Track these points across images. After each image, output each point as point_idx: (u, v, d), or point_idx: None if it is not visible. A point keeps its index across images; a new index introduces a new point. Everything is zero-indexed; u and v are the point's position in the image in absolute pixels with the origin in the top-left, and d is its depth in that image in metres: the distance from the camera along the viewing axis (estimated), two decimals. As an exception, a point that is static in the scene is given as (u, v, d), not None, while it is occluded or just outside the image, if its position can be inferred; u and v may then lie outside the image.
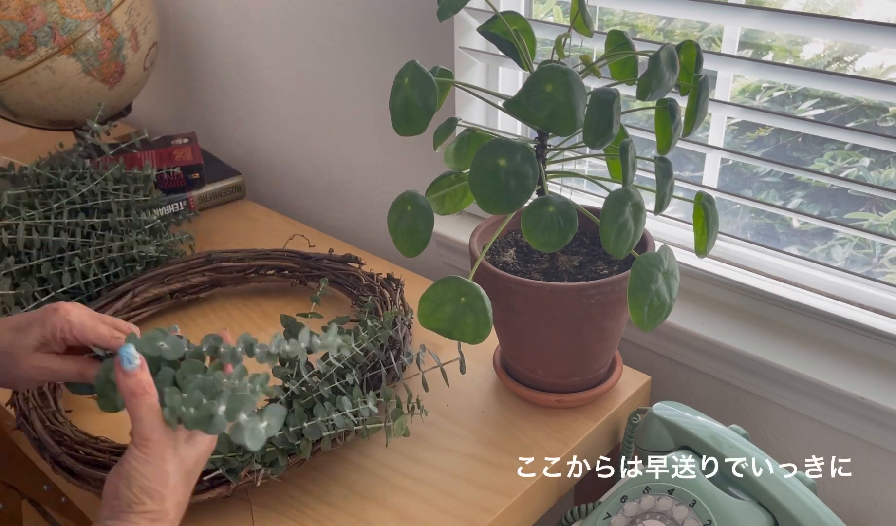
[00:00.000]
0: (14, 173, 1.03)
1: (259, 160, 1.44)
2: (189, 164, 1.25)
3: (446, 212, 0.82)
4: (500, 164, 0.65)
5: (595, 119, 0.66)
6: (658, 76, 0.67)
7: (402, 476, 0.77)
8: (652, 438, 0.78)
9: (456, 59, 1.04)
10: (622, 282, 0.74)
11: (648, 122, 0.97)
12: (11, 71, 1.16)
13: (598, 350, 0.81)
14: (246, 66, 1.37)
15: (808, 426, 0.86)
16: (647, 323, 0.66)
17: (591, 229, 0.86)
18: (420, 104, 0.69)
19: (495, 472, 0.77)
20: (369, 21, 1.12)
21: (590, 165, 1.04)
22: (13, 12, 1.12)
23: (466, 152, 0.81)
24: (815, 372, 0.82)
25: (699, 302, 0.93)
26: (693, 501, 0.69)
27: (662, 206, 0.71)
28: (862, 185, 0.81)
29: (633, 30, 1.00)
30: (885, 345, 0.81)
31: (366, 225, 1.29)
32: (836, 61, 0.87)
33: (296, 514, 0.73)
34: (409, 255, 0.72)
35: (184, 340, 0.60)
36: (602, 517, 0.73)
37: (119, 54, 1.23)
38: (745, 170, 0.94)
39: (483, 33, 0.80)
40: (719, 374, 0.91)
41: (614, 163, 0.82)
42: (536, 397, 0.84)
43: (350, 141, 1.25)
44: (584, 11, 0.75)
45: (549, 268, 0.81)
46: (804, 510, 0.68)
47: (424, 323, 0.67)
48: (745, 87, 0.94)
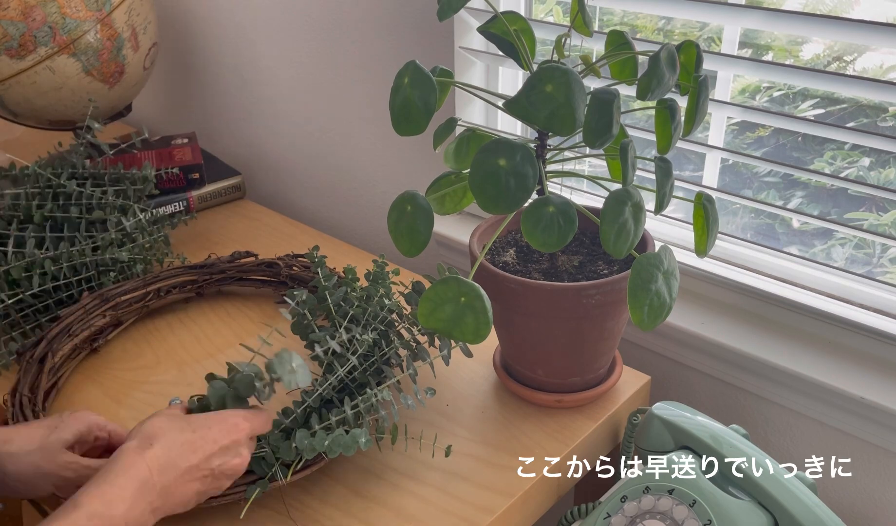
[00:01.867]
0: (16, 173, 1.03)
1: (259, 160, 1.44)
2: (189, 164, 1.25)
3: (446, 212, 0.82)
4: (500, 164, 0.65)
5: (595, 119, 0.66)
6: (658, 76, 0.67)
7: (402, 476, 0.77)
8: (652, 438, 0.78)
9: (456, 59, 1.04)
10: (622, 282, 0.74)
11: (648, 122, 0.97)
12: (11, 71, 1.16)
13: (598, 350, 0.81)
14: (246, 66, 1.37)
15: (808, 426, 0.86)
16: (647, 323, 0.66)
17: (591, 229, 0.86)
18: (420, 104, 0.69)
19: (495, 472, 0.77)
20: (369, 21, 1.12)
21: (590, 165, 1.04)
22: (13, 12, 1.12)
23: (466, 152, 0.81)
24: (815, 372, 0.82)
25: (699, 302, 0.93)
26: (693, 501, 0.69)
27: (662, 206, 0.71)
28: (862, 185, 0.81)
29: (633, 30, 1.00)
30: (885, 345, 0.81)
31: (366, 225, 1.29)
32: (835, 61, 0.87)
33: (296, 514, 0.73)
34: (410, 255, 0.72)
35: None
36: (602, 517, 0.73)
37: (119, 54, 1.23)
38: (745, 170, 0.94)
39: (483, 33, 0.80)
40: (719, 374, 0.91)
41: (614, 163, 0.82)
42: (536, 397, 0.84)
43: (350, 141, 1.25)
44: (584, 11, 0.75)
45: (549, 268, 0.81)
46: (804, 510, 0.68)
47: (424, 323, 0.67)
48: (745, 87, 0.94)
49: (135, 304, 0.98)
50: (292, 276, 1.02)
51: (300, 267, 1.03)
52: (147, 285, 0.99)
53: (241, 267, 1.04)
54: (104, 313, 0.95)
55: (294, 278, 1.02)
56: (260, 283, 1.05)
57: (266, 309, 1.03)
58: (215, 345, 0.97)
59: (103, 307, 0.95)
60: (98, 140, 1.13)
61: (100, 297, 0.95)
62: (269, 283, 1.05)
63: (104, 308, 0.95)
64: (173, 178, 1.24)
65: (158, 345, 0.97)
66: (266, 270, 1.04)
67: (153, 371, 0.93)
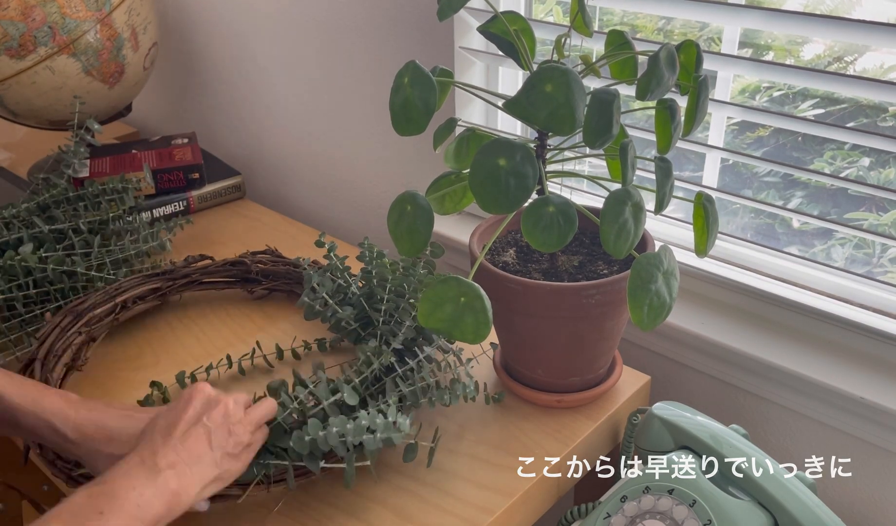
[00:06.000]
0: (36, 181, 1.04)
1: (259, 160, 1.44)
2: (189, 164, 1.25)
3: (446, 212, 0.82)
4: (499, 164, 0.65)
5: (595, 119, 0.66)
6: (658, 76, 0.67)
7: (402, 476, 0.77)
8: (652, 438, 0.78)
9: (456, 59, 1.04)
10: (622, 282, 0.74)
11: (648, 122, 0.97)
12: (11, 71, 1.16)
13: (598, 350, 0.81)
14: (246, 66, 1.37)
15: (808, 426, 0.86)
16: (647, 323, 0.66)
17: (591, 229, 0.86)
18: (420, 104, 0.69)
19: (495, 472, 0.77)
20: (369, 21, 1.12)
21: (590, 165, 1.04)
22: (13, 12, 1.12)
23: (466, 152, 0.81)
24: (815, 372, 0.82)
25: (699, 302, 0.93)
26: (693, 501, 0.69)
27: (662, 206, 0.71)
28: (862, 185, 0.81)
29: (633, 30, 1.00)
30: (885, 345, 0.81)
31: (366, 224, 1.29)
32: (836, 61, 0.87)
33: (296, 513, 0.73)
34: (409, 255, 0.72)
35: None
36: (602, 517, 0.73)
37: (119, 54, 1.23)
38: (745, 170, 0.94)
39: (483, 33, 0.80)
40: (719, 374, 0.91)
41: (614, 163, 0.82)
42: (536, 397, 0.84)
43: (350, 140, 1.25)
44: (584, 11, 0.75)
45: (549, 268, 0.81)
46: (804, 510, 0.68)
47: (424, 323, 0.67)
48: (745, 87, 0.94)
49: (105, 318, 0.94)
50: (262, 271, 1.03)
51: (267, 262, 1.04)
52: (114, 297, 0.96)
53: (205, 270, 1.03)
54: (79, 331, 0.91)
55: (264, 274, 1.03)
56: (224, 284, 1.05)
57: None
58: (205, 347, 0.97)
59: (77, 324, 0.91)
60: (95, 140, 1.13)
61: (70, 312, 0.92)
62: (233, 282, 1.05)
63: (78, 325, 0.91)
64: (173, 178, 1.24)
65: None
66: (232, 269, 1.03)
67: (150, 371, 0.93)
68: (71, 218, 1.03)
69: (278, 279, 1.03)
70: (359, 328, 0.87)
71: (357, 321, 0.87)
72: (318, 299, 0.88)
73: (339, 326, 0.88)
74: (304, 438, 0.69)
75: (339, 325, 0.88)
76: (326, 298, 0.87)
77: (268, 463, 0.70)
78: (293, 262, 1.03)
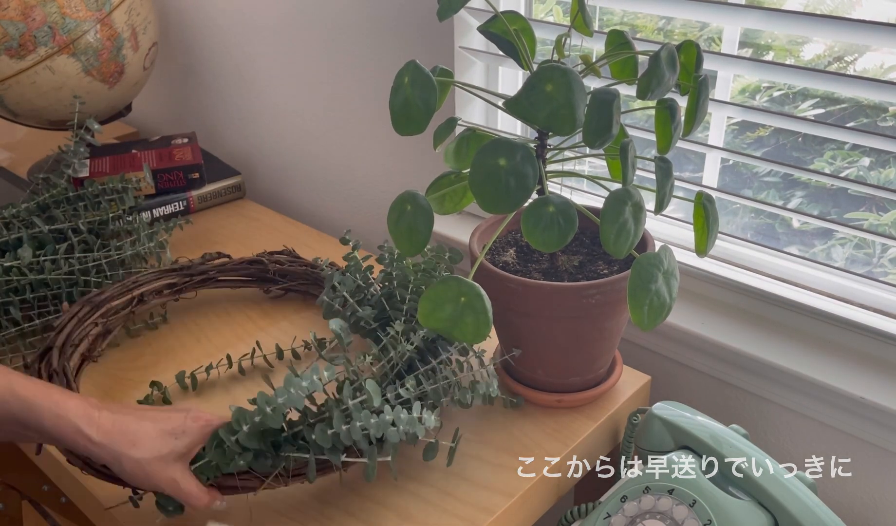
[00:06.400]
0: (34, 181, 1.04)
1: (259, 160, 1.44)
2: (189, 164, 1.25)
3: (446, 212, 0.82)
4: (500, 164, 0.65)
5: (595, 119, 0.66)
6: (658, 76, 0.67)
7: (402, 476, 0.77)
8: (652, 438, 0.78)
9: (456, 59, 1.04)
10: (622, 282, 0.74)
11: (648, 122, 0.97)
12: (11, 71, 1.16)
13: (598, 350, 0.81)
14: (246, 66, 1.37)
15: (808, 426, 0.86)
16: (647, 323, 0.66)
17: (591, 229, 0.86)
18: (420, 104, 0.69)
19: (495, 472, 0.77)
20: (369, 21, 1.12)
21: (590, 165, 1.04)
22: (13, 12, 1.12)
23: (466, 152, 0.81)
24: (815, 372, 0.82)
25: (699, 302, 0.93)
26: (693, 501, 0.69)
27: (662, 206, 0.71)
28: (862, 185, 0.81)
29: (633, 30, 1.00)
30: (885, 345, 0.81)
31: (366, 225, 1.29)
32: (836, 61, 0.87)
33: (296, 513, 0.73)
34: (410, 255, 0.72)
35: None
36: (602, 517, 0.73)
37: (119, 54, 1.23)
38: (745, 170, 0.94)
39: (483, 33, 0.80)
40: (719, 374, 0.91)
41: (614, 163, 0.82)
42: (536, 397, 0.84)
43: (350, 140, 1.25)
44: (584, 11, 0.75)
45: (549, 268, 0.81)
46: (804, 510, 0.68)
47: (425, 322, 0.67)
48: (745, 86, 0.94)
49: (121, 311, 0.95)
50: (279, 270, 1.02)
51: (284, 262, 1.03)
52: (131, 290, 0.96)
53: (221, 267, 1.03)
54: (96, 322, 0.92)
55: (281, 274, 1.02)
56: (240, 282, 1.04)
57: (265, 306, 1.03)
58: (214, 344, 0.97)
59: (94, 315, 0.92)
60: (95, 141, 1.13)
61: (87, 303, 0.92)
62: (249, 281, 1.04)
63: (95, 316, 0.92)
64: (173, 178, 1.24)
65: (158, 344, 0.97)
66: (249, 268, 1.03)
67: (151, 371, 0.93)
68: (71, 218, 1.03)
69: (295, 279, 1.03)
70: (378, 329, 0.86)
71: (377, 321, 0.87)
72: (338, 298, 0.88)
73: (359, 325, 0.87)
74: (327, 432, 0.68)
75: (359, 324, 0.87)
76: (347, 296, 0.87)
77: (288, 456, 0.68)
78: (311, 262, 1.03)
